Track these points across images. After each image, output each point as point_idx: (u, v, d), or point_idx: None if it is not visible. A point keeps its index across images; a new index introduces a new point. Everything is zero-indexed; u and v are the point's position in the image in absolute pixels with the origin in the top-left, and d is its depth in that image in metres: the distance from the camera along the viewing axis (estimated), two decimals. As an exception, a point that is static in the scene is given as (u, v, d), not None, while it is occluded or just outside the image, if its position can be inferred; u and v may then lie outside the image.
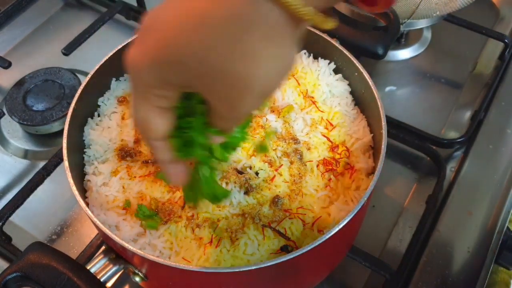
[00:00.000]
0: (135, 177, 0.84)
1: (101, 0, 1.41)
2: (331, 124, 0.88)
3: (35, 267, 0.69)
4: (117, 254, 0.77)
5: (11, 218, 0.97)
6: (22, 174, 1.12)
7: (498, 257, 0.99)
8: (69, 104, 0.87)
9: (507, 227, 1.01)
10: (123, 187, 0.83)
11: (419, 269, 0.94)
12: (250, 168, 0.83)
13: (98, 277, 0.74)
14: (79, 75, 1.20)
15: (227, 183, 0.81)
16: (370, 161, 0.86)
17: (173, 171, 0.62)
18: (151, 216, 0.79)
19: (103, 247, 0.79)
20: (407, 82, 1.26)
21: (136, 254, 0.70)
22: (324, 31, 0.93)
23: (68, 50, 1.21)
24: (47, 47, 1.35)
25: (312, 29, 0.93)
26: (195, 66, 0.48)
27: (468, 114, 1.18)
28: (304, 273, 0.82)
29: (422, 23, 1.22)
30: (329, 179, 0.83)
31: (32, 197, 0.99)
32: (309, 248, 0.68)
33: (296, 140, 0.86)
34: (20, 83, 1.18)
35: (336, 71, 0.95)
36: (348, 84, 0.94)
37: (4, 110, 1.14)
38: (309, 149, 0.86)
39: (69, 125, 0.83)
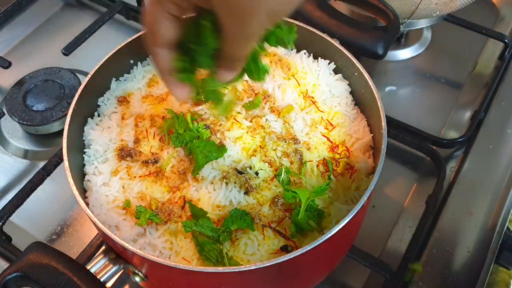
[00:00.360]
0: (135, 177, 0.84)
1: (101, 0, 1.41)
2: (331, 124, 0.88)
3: (35, 267, 0.69)
4: (117, 254, 0.77)
5: (11, 218, 0.97)
6: (22, 174, 1.12)
7: (498, 257, 0.99)
8: (69, 104, 0.87)
9: (507, 227, 1.01)
10: (123, 187, 0.83)
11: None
12: (250, 168, 0.83)
13: (98, 277, 0.74)
14: (79, 75, 1.20)
15: (227, 183, 0.81)
16: (370, 161, 0.86)
17: (176, 87, 0.67)
18: (152, 217, 0.79)
19: (103, 247, 0.79)
20: (407, 82, 1.26)
21: (136, 254, 0.70)
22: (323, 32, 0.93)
23: (68, 50, 1.21)
24: (47, 47, 1.35)
25: (312, 29, 0.93)
26: None
27: (468, 114, 1.18)
28: (304, 273, 0.82)
29: (422, 23, 1.22)
30: (329, 179, 0.83)
31: (32, 197, 0.99)
32: (309, 248, 0.68)
33: (296, 140, 0.86)
34: (20, 83, 1.18)
35: (336, 71, 0.95)
36: (348, 84, 0.94)
37: (4, 110, 1.14)
38: (309, 149, 0.86)
39: (69, 125, 0.83)
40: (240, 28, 0.55)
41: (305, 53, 0.97)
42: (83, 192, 0.84)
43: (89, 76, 0.88)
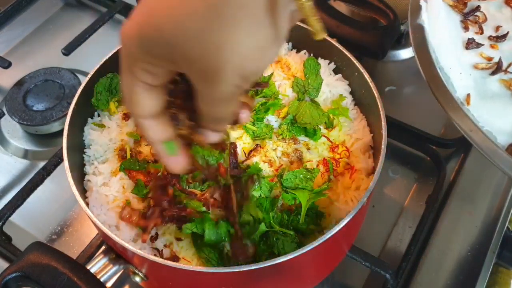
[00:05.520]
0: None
1: (101, 0, 1.41)
2: (331, 124, 0.88)
3: (35, 267, 0.69)
4: (117, 254, 0.77)
5: (11, 218, 0.97)
6: (22, 174, 1.12)
7: (498, 257, 0.99)
8: (69, 104, 0.87)
9: (507, 227, 1.01)
10: (123, 187, 0.83)
11: (419, 269, 0.94)
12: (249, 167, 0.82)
13: (98, 277, 0.74)
14: (79, 75, 1.20)
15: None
16: (370, 161, 0.86)
17: (165, 155, 0.61)
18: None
19: (103, 247, 0.79)
20: (407, 82, 1.26)
21: (136, 254, 0.70)
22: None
23: (68, 50, 1.21)
24: (47, 47, 1.35)
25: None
26: (176, 42, 0.49)
27: (468, 114, 1.18)
28: (304, 273, 0.82)
29: (422, 23, 1.22)
30: (329, 179, 0.83)
31: (32, 197, 0.99)
32: (309, 248, 0.68)
33: (296, 140, 0.86)
34: (20, 83, 1.18)
35: (336, 71, 0.95)
36: (348, 84, 0.94)
37: (4, 110, 1.14)
38: (309, 149, 0.86)
39: (69, 125, 0.83)
40: (210, 90, 0.51)
41: (305, 53, 0.97)
42: (83, 192, 0.84)
43: (89, 76, 0.88)
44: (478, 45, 0.85)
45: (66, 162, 0.79)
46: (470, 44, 0.85)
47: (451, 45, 0.85)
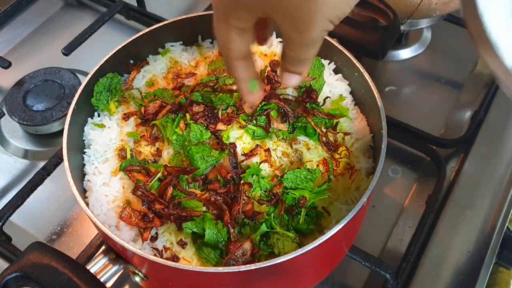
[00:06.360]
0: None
1: (101, 0, 1.41)
2: (331, 124, 0.88)
3: (35, 267, 0.69)
4: (117, 254, 0.77)
5: (11, 218, 0.97)
6: (22, 174, 1.12)
7: (498, 257, 0.99)
8: (69, 104, 0.87)
9: (507, 227, 1.01)
10: (123, 187, 0.83)
11: (419, 269, 0.94)
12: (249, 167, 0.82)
13: (98, 277, 0.74)
14: (79, 75, 1.20)
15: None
16: (370, 161, 0.86)
17: (250, 94, 0.71)
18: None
19: (103, 247, 0.79)
20: (407, 82, 1.26)
21: (136, 254, 0.70)
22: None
23: (68, 50, 1.21)
24: (47, 47, 1.35)
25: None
26: None
27: (468, 114, 1.18)
28: (304, 273, 0.82)
29: (422, 23, 1.22)
30: (329, 179, 0.83)
31: (32, 197, 0.99)
32: (309, 248, 0.68)
33: (296, 140, 0.86)
34: (20, 83, 1.18)
35: (336, 71, 0.95)
36: (348, 84, 0.94)
37: (4, 110, 1.14)
38: (309, 149, 0.86)
39: (69, 125, 0.83)
40: (301, 36, 0.58)
41: (305, 53, 0.97)
42: (83, 192, 0.84)
43: (89, 76, 0.88)
44: None
45: (66, 162, 0.79)
46: None
47: (503, 11, 0.84)
